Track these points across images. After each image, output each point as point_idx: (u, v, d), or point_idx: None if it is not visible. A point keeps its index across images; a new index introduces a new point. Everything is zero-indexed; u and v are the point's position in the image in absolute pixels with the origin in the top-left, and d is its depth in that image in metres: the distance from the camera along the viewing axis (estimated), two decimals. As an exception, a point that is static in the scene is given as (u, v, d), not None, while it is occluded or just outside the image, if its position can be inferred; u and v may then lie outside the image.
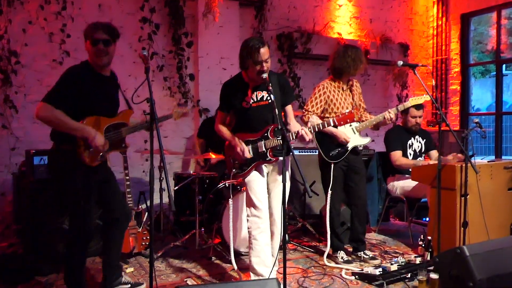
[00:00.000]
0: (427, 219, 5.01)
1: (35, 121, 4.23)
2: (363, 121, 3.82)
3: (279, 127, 2.70)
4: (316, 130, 3.12)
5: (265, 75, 2.89)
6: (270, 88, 2.83)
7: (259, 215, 3.06)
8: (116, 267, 3.10)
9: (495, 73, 6.25)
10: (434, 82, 6.79)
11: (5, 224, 4.30)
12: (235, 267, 3.35)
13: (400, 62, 3.38)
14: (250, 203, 3.08)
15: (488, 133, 7.90)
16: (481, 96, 13.79)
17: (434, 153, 4.52)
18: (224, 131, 3.17)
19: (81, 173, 2.73)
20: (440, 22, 6.95)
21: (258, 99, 3.07)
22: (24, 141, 4.34)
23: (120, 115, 2.93)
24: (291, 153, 2.58)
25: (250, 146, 3.06)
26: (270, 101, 2.96)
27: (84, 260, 2.94)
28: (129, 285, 3.11)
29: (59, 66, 4.42)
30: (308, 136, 2.97)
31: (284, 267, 2.61)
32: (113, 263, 3.06)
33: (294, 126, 3.16)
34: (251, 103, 3.05)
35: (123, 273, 3.19)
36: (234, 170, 3.12)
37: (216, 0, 5.00)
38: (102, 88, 2.81)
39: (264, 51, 2.88)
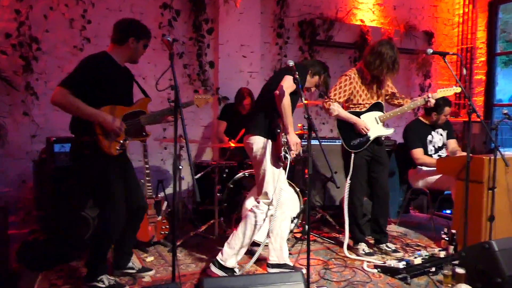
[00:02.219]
0: (449, 211, 4.93)
1: (56, 109, 4.21)
2: (401, 105, 3.72)
3: None
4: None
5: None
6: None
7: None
8: (127, 254, 3.14)
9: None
10: (464, 71, 6.57)
11: (26, 210, 4.34)
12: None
13: (430, 50, 3.27)
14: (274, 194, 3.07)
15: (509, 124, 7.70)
16: (504, 87, 13.42)
17: (451, 143, 4.40)
18: (290, 110, 3.05)
19: (103, 162, 2.76)
20: (466, 10, 6.73)
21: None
22: (44, 128, 4.35)
23: (138, 104, 2.96)
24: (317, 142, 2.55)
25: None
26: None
27: (108, 247, 2.95)
28: (135, 270, 3.13)
29: (79, 53, 4.40)
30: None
31: (308, 259, 2.59)
32: (124, 250, 3.11)
33: None
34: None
35: (132, 258, 3.21)
36: (286, 155, 3.05)
37: (238, -15, 4.91)
38: (119, 79, 2.87)
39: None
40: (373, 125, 3.61)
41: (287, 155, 3.03)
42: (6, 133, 3.98)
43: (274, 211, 3.09)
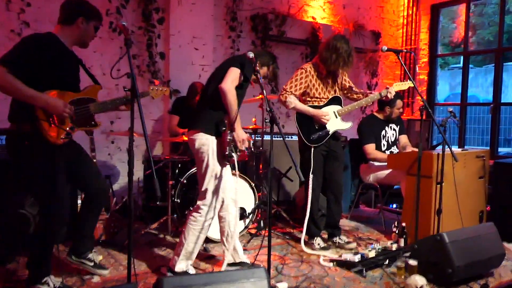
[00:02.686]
0: (395, 206, 5.12)
1: (-9, 97, 3.91)
2: (359, 99, 3.76)
3: None
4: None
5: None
6: None
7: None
8: (87, 239, 2.95)
9: (454, 66, 6.45)
10: (417, 68, 6.82)
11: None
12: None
13: (385, 48, 3.34)
14: (210, 198, 2.94)
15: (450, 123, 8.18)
16: (439, 88, 14.22)
17: (402, 138, 4.56)
18: (236, 103, 2.90)
19: (47, 153, 2.52)
20: (410, 12, 7.00)
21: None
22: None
23: (87, 90, 2.74)
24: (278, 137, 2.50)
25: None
26: None
27: (52, 246, 2.73)
28: (92, 263, 2.94)
29: (17, 38, 4.02)
30: None
31: (269, 254, 2.54)
32: (85, 233, 2.92)
33: None
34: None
35: (93, 252, 3.01)
36: (231, 154, 2.92)
37: (191, -25, 4.75)
38: (66, 62, 2.65)
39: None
40: (332, 119, 3.63)
41: (232, 153, 2.90)
42: None
43: (215, 213, 2.96)
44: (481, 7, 11.86)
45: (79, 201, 3.55)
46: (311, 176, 3.58)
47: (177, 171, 4.05)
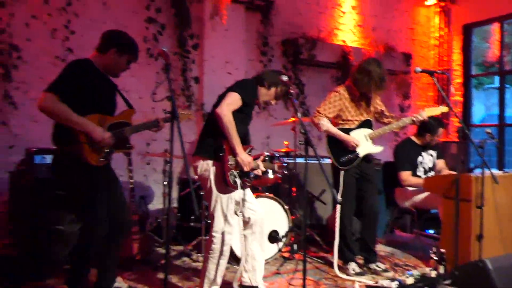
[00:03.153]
0: (432, 231, 4.96)
1: (35, 119, 4.10)
2: (387, 123, 3.73)
3: None
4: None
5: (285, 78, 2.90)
6: None
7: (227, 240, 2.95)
8: (111, 272, 2.95)
9: (489, 86, 6.29)
10: (453, 89, 6.72)
11: (-1, 224, 4.09)
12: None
13: (418, 69, 3.32)
14: (219, 226, 2.89)
15: (488, 146, 7.94)
16: (474, 109, 13.92)
17: (439, 162, 4.45)
18: (234, 129, 2.83)
19: (88, 174, 2.62)
20: (442, 33, 6.96)
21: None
22: (22, 139, 4.14)
23: (122, 115, 2.83)
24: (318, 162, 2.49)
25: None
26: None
27: (89, 264, 2.79)
28: None
29: (61, 64, 4.23)
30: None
31: (304, 278, 2.51)
32: (110, 267, 2.92)
33: None
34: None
35: (118, 278, 3.04)
36: (235, 179, 2.86)
37: (224, 2, 4.90)
38: (103, 87, 2.76)
39: None
40: (362, 142, 3.61)
41: (236, 179, 2.83)
42: (-19, 143, 3.77)
43: (227, 237, 2.89)
44: (515, 25, 11.64)
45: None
46: (340, 199, 3.54)
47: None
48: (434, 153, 4.41)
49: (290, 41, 5.77)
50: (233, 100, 2.82)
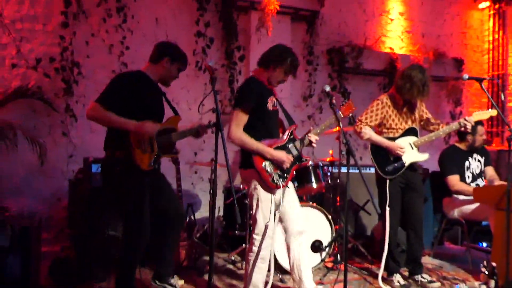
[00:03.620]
0: (484, 244, 4.76)
1: (93, 130, 4.39)
2: (433, 130, 3.68)
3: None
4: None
5: (328, 88, 2.92)
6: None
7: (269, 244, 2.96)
8: (169, 262, 3.13)
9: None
10: (503, 97, 6.46)
11: (59, 228, 4.41)
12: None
13: (466, 76, 3.27)
14: (261, 228, 2.91)
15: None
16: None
17: (488, 170, 4.28)
18: (251, 140, 2.84)
19: (136, 178, 2.79)
20: (496, 36, 6.70)
21: (274, 103, 3.01)
22: (81, 149, 4.46)
23: (169, 121, 3.03)
24: (358, 171, 2.52)
25: (284, 152, 2.92)
26: (277, 107, 3.02)
27: (135, 265, 2.97)
28: None
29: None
30: (316, 139, 3.01)
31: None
32: (166, 257, 3.11)
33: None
34: (271, 105, 2.96)
35: (174, 277, 3.20)
36: (275, 181, 2.88)
37: (270, 14, 5.01)
38: (153, 94, 2.95)
39: None
40: (407, 150, 3.57)
41: (278, 180, 2.87)
42: (45, 152, 4.09)
43: (268, 241, 2.92)
44: None
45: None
46: (387, 209, 3.50)
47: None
48: (481, 158, 4.27)
49: (336, 49, 5.79)
50: (237, 119, 2.88)
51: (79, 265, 3.53)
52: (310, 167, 4.03)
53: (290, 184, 3.08)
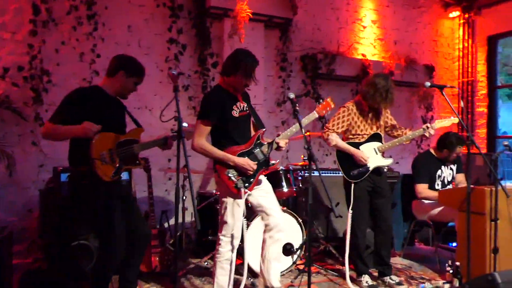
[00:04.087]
0: (454, 244, 4.88)
1: (64, 139, 4.37)
2: (398, 137, 3.78)
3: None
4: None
5: (292, 96, 3.00)
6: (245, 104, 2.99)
7: (235, 245, 3.02)
8: (131, 284, 3.10)
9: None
10: (462, 104, 6.68)
11: (31, 239, 4.36)
12: None
13: (428, 83, 3.37)
14: (228, 230, 2.99)
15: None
16: (508, 119, 13.46)
17: (459, 177, 4.41)
18: (212, 149, 2.95)
19: (102, 191, 2.80)
20: (466, 44, 6.89)
21: (242, 109, 3.07)
22: (52, 158, 4.43)
23: (131, 133, 3.02)
24: (318, 173, 2.59)
25: (247, 158, 2.98)
26: (247, 111, 3.07)
27: (109, 277, 2.96)
28: None
29: (88, 85, 4.52)
30: (285, 144, 3.06)
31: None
32: (129, 279, 3.08)
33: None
34: (238, 112, 3.02)
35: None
36: (238, 187, 2.94)
37: (242, 21, 5.08)
38: (110, 109, 2.95)
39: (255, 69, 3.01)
40: (372, 156, 3.66)
41: (239, 186, 2.93)
42: (14, 162, 4.06)
43: (235, 243, 3.01)
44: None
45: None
46: (350, 212, 3.61)
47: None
48: (453, 166, 4.39)
49: (309, 56, 5.88)
50: (199, 129, 2.97)
51: (50, 276, 3.50)
52: (281, 172, 4.09)
53: (266, 182, 3.15)
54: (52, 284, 3.40)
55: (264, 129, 3.12)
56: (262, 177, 3.14)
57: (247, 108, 3.09)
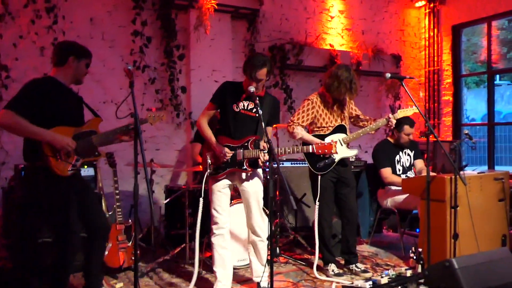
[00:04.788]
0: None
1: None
2: (363, 126, 3.84)
3: (264, 140, 2.75)
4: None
5: (252, 89, 2.97)
6: (257, 102, 2.94)
7: (223, 233, 3.26)
8: (95, 277, 3.09)
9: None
10: (422, 94, 6.84)
11: (-5, 239, 4.26)
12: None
13: (388, 75, 3.41)
14: (212, 219, 3.26)
15: (480, 143, 7.94)
16: (476, 106, 13.85)
17: (417, 163, 4.52)
18: (206, 128, 3.25)
19: (57, 185, 2.76)
20: (431, 34, 7.00)
21: (247, 108, 3.22)
22: (13, 155, 4.30)
23: (88, 124, 2.97)
24: (276, 165, 2.63)
25: (226, 149, 3.17)
26: (257, 114, 3.08)
27: (68, 274, 2.93)
28: None
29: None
30: (264, 158, 3.16)
31: (271, 281, 2.61)
32: (93, 272, 3.06)
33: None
34: (240, 108, 3.21)
35: (104, 284, 3.20)
36: (208, 171, 3.21)
37: (208, 13, 5.02)
38: (67, 100, 2.88)
39: (261, 72, 3.09)
40: (337, 147, 3.70)
41: (209, 168, 3.21)
42: (-27, 161, 3.94)
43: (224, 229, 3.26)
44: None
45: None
46: (317, 203, 3.66)
47: (196, 199, 4.20)
48: (411, 152, 4.50)
49: (277, 47, 5.88)
50: (205, 108, 3.32)
51: (15, 276, 3.44)
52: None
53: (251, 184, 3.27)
54: (17, 282, 3.36)
55: (257, 137, 3.23)
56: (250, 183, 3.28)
57: (255, 111, 3.16)
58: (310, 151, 3.18)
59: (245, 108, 3.21)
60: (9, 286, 3.33)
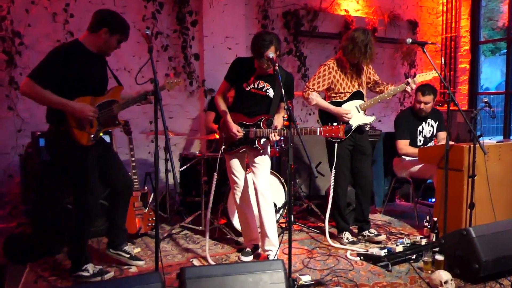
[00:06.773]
0: (433, 200, 5.02)
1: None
2: (381, 92, 3.79)
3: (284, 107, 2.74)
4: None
5: (271, 55, 2.88)
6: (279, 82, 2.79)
7: (240, 190, 3.42)
8: (121, 230, 3.21)
9: (505, 51, 6.15)
10: (443, 60, 6.66)
11: (13, 204, 4.34)
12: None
13: (409, 40, 3.33)
14: (232, 183, 3.41)
15: (497, 112, 7.79)
16: (490, 75, 13.57)
17: (441, 134, 4.45)
18: (222, 104, 3.30)
19: (78, 151, 2.78)
20: (450, -2, 6.76)
21: (258, 87, 3.21)
22: (30, 123, 4.34)
23: (110, 93, 2.95)
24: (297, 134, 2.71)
25: (238, 128, 3.22)
26: (268, 94, 3.19)
27: (87, 236, 3.01)
28: (129, 255, 3.20)
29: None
30: (275, 138, 3.18)
31: (290, 248, 2.64)
32: (117, 225, 3.18)
33: (277, 120, 3.29)
34: (251, 87, 3.21)
35: (128, 244, 3.29)
36: (223, 146, 3.31)
37: (221, -23, 4.89)
38: (92, 67, 2.84)
39: (268, 53, 2.96)
40: (354, 114, 3.66)
41: (223, 145, 3.31)
42: (-11, 128, 3.97)
43: (239, 194, 3.40)
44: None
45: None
46: (333, 171, 3.64)
47: (211, 167, 4.22)
48: (434, 124, 4.41)
49: (291, 13, 5.74)
50: (221, 85, 3.35)
51: (34, 240, 3.51)
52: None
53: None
54: (37, 247, 3.43)
55: (269, 117, 3.24)
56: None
57: (267, 90, 3.19)
58: (318, 134, 3.10)
59: (256, 87, 3.21)
60: (28, 251, 3.40)
